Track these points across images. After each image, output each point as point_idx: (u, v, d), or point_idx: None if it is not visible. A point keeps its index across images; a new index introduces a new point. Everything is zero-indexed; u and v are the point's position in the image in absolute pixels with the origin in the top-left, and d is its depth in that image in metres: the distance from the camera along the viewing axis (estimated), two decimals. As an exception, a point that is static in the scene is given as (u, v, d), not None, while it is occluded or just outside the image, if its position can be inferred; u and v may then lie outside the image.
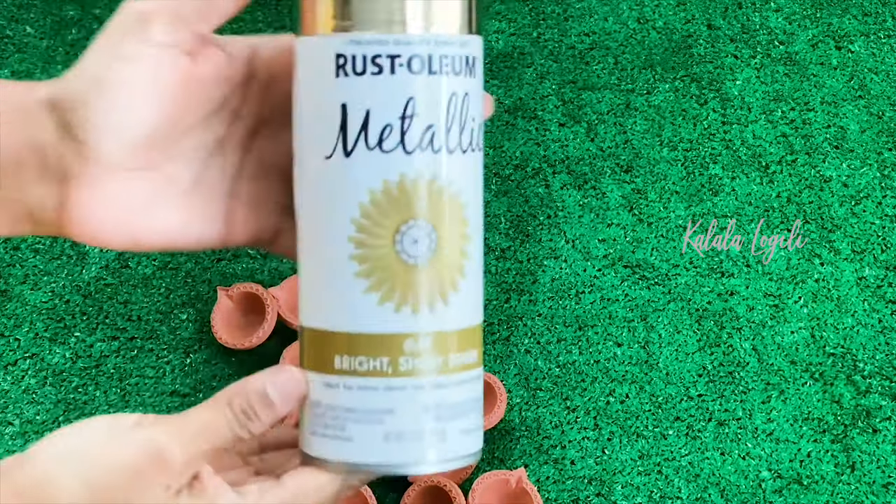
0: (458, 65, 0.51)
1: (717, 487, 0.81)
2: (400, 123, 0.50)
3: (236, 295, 0.85)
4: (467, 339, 0.53)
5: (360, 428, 0.51)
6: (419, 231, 0.51)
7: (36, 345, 0.85)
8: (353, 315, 0.51)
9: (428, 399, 0.51)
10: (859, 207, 0.95)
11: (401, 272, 0.51)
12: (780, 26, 1.06)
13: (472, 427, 0.53)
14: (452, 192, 0.51)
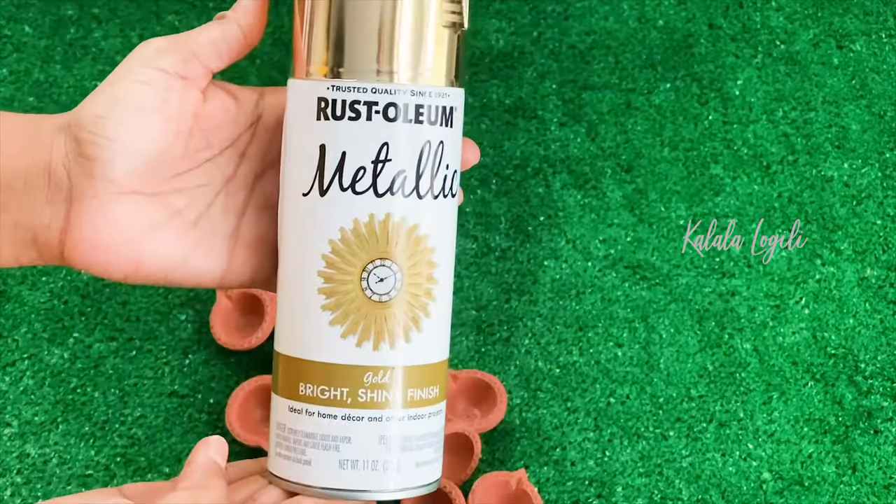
0: (435, 115, 0.54)
1: (718, 489, 0.81)
2: (373, 167, 0.53)
3: (235, 295, 0.84)
4: (428, 376, 0.56)
5: (317, 453, 0.54)
6: (385, 271, 0.53)
7: (34, 345, 0.84)
8: (318, 346, 0.54)
9: (384, 431, 0.54)
10: (861, 208, 0.95)
11: (365, 309, 0.53)
12: (781, 26, 1.05)
13: (428, 460, 0.56)
14: (420, 235, 0.54)
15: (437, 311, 0.56)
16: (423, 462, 0.56)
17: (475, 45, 1.02)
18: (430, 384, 0.56)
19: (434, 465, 0.57)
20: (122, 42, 1.00)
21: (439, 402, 0.57)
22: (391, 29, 0.53)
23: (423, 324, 0.55)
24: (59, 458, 0.80)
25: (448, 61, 0.55)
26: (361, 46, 0.53)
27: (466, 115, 0.98)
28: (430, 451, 0.56)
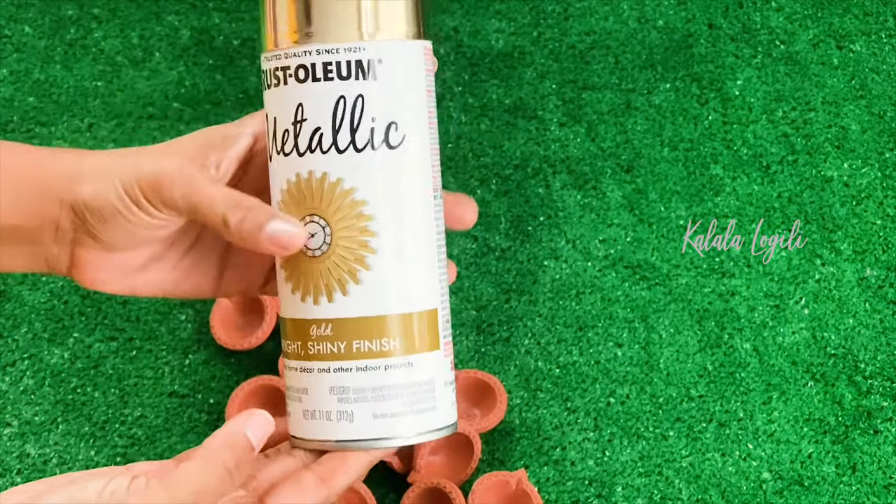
0: (347, 69, 0.55)
1: (717, 489, 0.81)
2: (293, 128, 0.55)
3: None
4: (378, 328, 0.56)
5: (291, 405, 0.57)
6: (314, 227, 0.55)
7: (34, 345, 0.84)
8: (282, 303, 0.57)
9: (332, 381, 0.55)
10: (860, 208, 0.95)
11: (304, 265, 0.56)
12: (780, 26, 1.06)
13: (391, 413, 0.56)
14: (345, 189, 0.55)
15: (382, 263, 0.56)
16: (382, 414, 0.56)
17: (475, 46, 1.03)
18: (384, 336, 0.56)
19: (406, 417, 0.56)
20: (121, 42, 1.00)
21: (405, 355, 0.57)
22: None
23: (361, 276, 0.56)
24: (59, 458, 0.80)
25: (364, 16, 0.55)
26: (280, 16, 0.55)
27: (466, 116, 0.98)
28: (395, 403, 0.56)
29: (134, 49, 1.00)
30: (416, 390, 0.57)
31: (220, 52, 1.00)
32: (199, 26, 1.02)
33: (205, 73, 0.99)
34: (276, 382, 0.81)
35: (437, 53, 1.02)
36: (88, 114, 0.96)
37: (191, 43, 1.01)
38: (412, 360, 0.57)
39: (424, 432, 0.57)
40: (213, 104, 0.97)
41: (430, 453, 0.79)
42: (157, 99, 0.97)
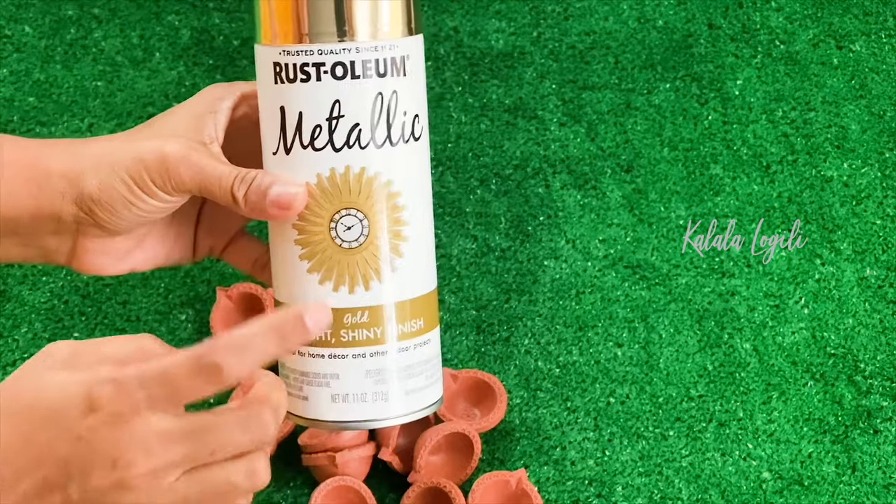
0: (383, 67, 0.56)
1: (717, 488, 0.81)
2: (328, 124, 0.56)
3: (235, 295, 0.84)
4: (409, 311, 0.59)
5: (312, 389, 0.59)
6: (351, 220, 0.57)
7: (34, 345, 0.84)
8: (302, 292, 0.58)
9: (368, 365, 0.58)
10: (860, 207, 0.95)
11: (337, 256, 0.57)
12: (780, 26, 1.06)
13: (420, 387, 0.60)
14: (382, 182, 0.57)
15: (411, 250, 0.59)
16: (413, 389, 0.59)
17: (475, 46, 1.03)
18: (413, 317, 0.59)
19: (427, 390, 0.60)
20: (122, 42, 1.00)
21: (426, 333, 0.60)
22: None
23: (397, 264, 0.58)
24: (60, 457, 0.80)
25: (394, 14, 0.57)
26: (312, 13, 0.56)
27: (466, 116, 0.98)
28: (422, 378, 0.60)
29: (134, 49, 1.00)
30: (433, 363, 0.61)
31: (220, 52, 1.00)
32: (199, 26, 1.02)
33: (205, 73, 0.99)
34: (277, 382, 0.81)
35: (437, 53, 1.02)
36: (89, 114, 0.96)
37: (191, 43, 1.01)
38: (430, 337, 0.61)
39: (438, 400, 0.61)
40: (214, 104, 0.97)
41: (430, 453, 0.79)
42: (158, 99, 0.97)
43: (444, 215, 0.92)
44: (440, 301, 0.88)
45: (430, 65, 1.01)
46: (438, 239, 0.91)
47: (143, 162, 0.57)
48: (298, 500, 0.79)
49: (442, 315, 0.87)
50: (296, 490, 0.79)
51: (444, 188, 0.93)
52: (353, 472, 0.77)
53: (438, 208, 0.92)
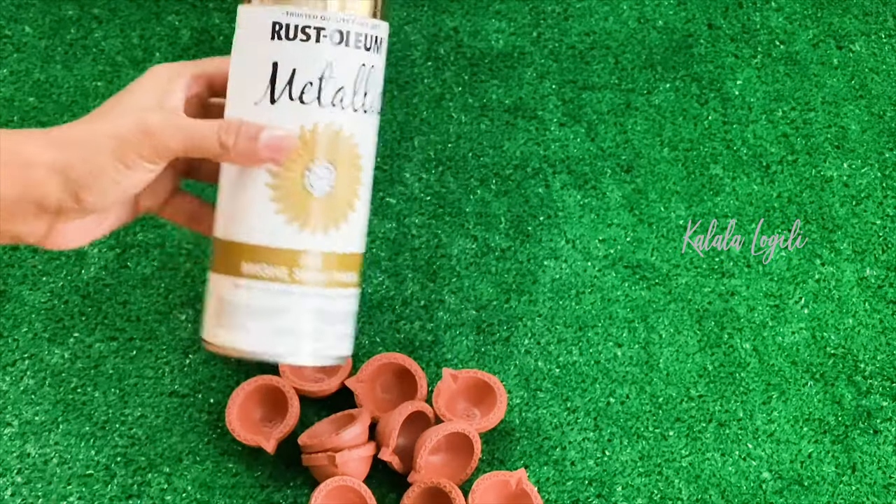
0: (369, 42, 0.64)
1: (717, 488, 0.81)
2: (318, 82, 0.63)
3: None
4: (349, 262, 0.65)
5: (256, 323, 0.63)
6: (323, 170, 0.63)
7: (34, 345, 0.84)
8: (264, 231, 0.63)
9: (312, 304, 0.64)
10: (860, 207, 0.95)
11: (306, 201, 0.63)
12: (780, 26, 1.06)
13: (344, 333, 0.66)
14: (352, 143, 0.64)
15: (360, 207, 0.66)
16: (341, 335, 0.66)
17: (475, 46, 1.03)
18: (350, 269, 0.66)
19: (348, 340, 0.67)
20: (122, 42, 1.00)
21: (356, 287, 0.67)
22: None
23: (350, 216, 0.65)
24: (60, 457, 0.80)
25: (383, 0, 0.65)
26: None
27: (466, 116, 0.98)
28: (347, 326, 0.66)
29: (134, 49, 1.00)
30: (354, 317, 0.67)
31: (221, 52, 1.00)
32: (200, 26, 1.02)
33: (205, 73, 0.99)
34: (277, 382, 0.81)
35: (437, 53, 1.02)
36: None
37: (191, 43, 1.01)
38: (357, 293, 0.67)
39: (349, 356, 0.67)
40: (214, 104, 0.97)
41: (430, 453, 0.79)
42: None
43: (444, 215, 0.92)
44: (440, 301, 0.88)
45: (430, 65, 1.01)
46: (439, 239, 0.91)
47: (127, 139, 0.60)
48: (298, 501, 0.79)
49: (442, 315, 0.87)
50: (296, 490, 0.80)
51: (444, 188, 0.93)
52: (353, 472, 0.77)
53: (438, 208, 0.92)
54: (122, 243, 0.89)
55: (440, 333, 0.87)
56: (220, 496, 0.79)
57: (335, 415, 0.81)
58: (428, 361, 0.85)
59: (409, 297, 0.88)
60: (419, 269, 0.90)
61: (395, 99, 0.99)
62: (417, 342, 0.86)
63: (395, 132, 0.97)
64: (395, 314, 0.87)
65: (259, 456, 0.81)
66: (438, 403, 0.81)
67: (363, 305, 0.87)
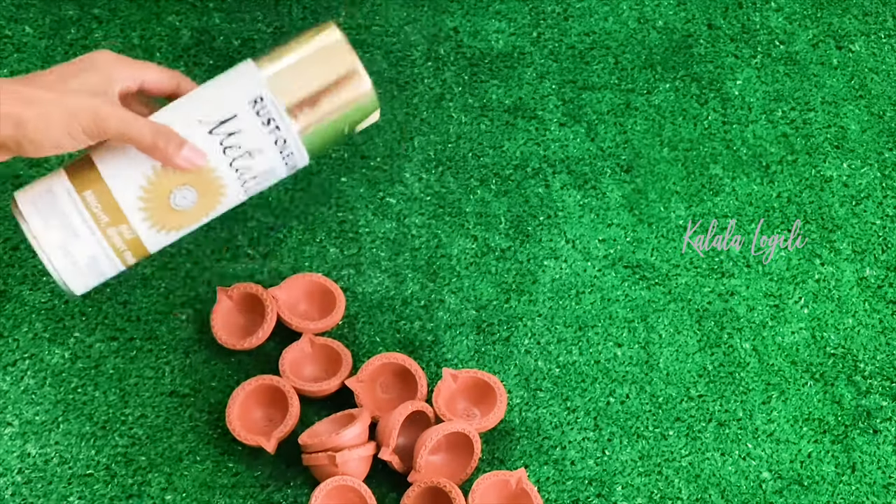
0: (291, 161, 0.77)
1: (717, 488, 0.81)
2: (244, 153, 0.75)
3: (236, 295, 0.85)
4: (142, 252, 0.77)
5: (55, 230, 0.74)
6: (187, 191, 0.75)
7: (35, 345, 0.85)
8: (123, 190, 0.75)
9: (94, 251, 0.75)
10: (860, 207, 0.95)
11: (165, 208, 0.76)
12: (780, 26, 1.06)
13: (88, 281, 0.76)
14: (220, 185, 0.76)
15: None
16: (84, 276, 0.76)
17: (475, 46, 1.03)
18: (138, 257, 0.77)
19: (83, 285, 0.76)
20: (122, 42, 1.00)
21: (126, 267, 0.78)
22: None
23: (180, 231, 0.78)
24: (60, 457, 0.80)
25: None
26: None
27: (466, 116, 0.98)
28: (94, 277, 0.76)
29: (135, 49, 1.00)
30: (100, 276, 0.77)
31: (221, 52, 1.01)
32: (200, 27, 1.02)
33: (205, 73, 0.99)
34: (277, 382, 0.81)
35: (437, 54, 1.02)
36: (89, 114, 0.96)
37: (191, 43, 1.01)
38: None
39: (76, 289, 0.76)
40: (214, 104, 0.97)
41: (431, 453, 0.79)
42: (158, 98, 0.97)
43: (444, 215, 0.92)
44: (440, 301, 0.88)
45: (430, 65, 1.01)
46: (439, 239, 0.91)
47: (78, 118, 0.71)
48: (299, 500, 0.79)
49: (442, 315, 0.87)
50: (296, 489, 0.80)
51: (444, 188, 0.94)
52: (354, 472, 0.77)
53: (438, 208, 0.92)
54: (122, 243, 0.89)
55: (440, 333, 0.87)
56: (221, 496, 0.79)
57: (335, 414, 0.81)
58: (428, 361, 0.85)
59: (409, 297, 0.88)
60: (419, 269, 0.90)
61: (396, 99, 0.99)
62: (417, 342, 0.86)
63: (395, 132, 0.97)
64: (395, 314, 0.87)
65: (259, 455, 0.81)
66: (438, 403, 0.81)
67: (363, 305, 0.88)
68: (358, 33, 1.03)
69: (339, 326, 0.86)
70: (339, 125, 0.77)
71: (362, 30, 1.03)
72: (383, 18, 1.04)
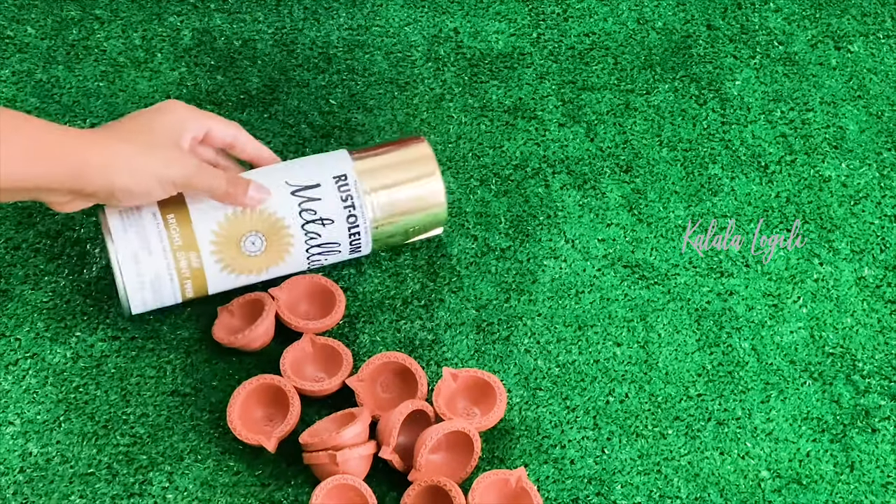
0: (360, 249, 0.86)
1: (716, 487, 0.81)
2: (320, 220, 0.83)
3: (236, 308, 0.85)
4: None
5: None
6: (255, 237, 0.83)
7: (37, 344, 0.85)
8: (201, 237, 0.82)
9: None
10: (858, 207, 0.95)
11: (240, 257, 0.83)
12: (779, 27, 1.06)
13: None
14: (288, 240, 0.84)
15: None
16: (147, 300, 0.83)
17: (475, 46, 1.03)
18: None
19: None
20: (124, 43, 1.00)
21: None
22: None
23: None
24: (62, 456, 0.80)
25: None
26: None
27: (466, 116, 0.98)
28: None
29: (136, 50, 1.00)
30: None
31: (221, 53, 1.01)
32: (201, 27, 1.02)
33: (206, 73, 0.99)
34: (277, 381, 0.81)
35: (437, 54, 1.02)
36: (91, 114, 0.96)
37: (192, 44, 1.01)
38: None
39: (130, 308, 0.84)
40: (215, 104, 0.98)
41: (431, 452, 0.79)
42: (159, 99, 0.97)
43: (445, 215, 0.92)
44: (440, 300, 0.88)
45: (430, 65, 1.01)
46: (439, 238, 0.91)
47: (169, 172, 0.77)
48: (299, 499, 0.79)
49: (442, 314, 0.88)
50: (297, 488, 0.80)
51: (445, 188, 0.94)
52: (354, 471, 0.78)
53: (438, 208, 0.93)
54: (123, 243, 0.90)
55: (440, 333, 0.87)
56: (222, 495, 0.79)
57: (336, 413, 0.81)
58: (428, 360, 0.86)
59: (409, 297, 0.88)
60: (419, 269, 0.90)
61: (396, 99, 0.99)
62: (418, 341, 0.86)
63: (395, 132, 0.97)
64: (396, 314, 0.88)
65: (260, 454, 0.81)
66: (438, 402, 0.81)
67: (364, 305, 0.88)
68: (358, 34, 1.03)
69: (339, 326, 0.87)
70: (407, 227, 0.86)
71: (362, 30, 1.03)
72: (383, 19, 1.04)
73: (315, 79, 1.00)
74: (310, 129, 0.97)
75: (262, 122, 0.97)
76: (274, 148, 0.95)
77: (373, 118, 0.98)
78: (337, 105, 0.98)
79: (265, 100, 0.98)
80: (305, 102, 0.98)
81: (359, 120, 0.97)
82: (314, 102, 0.98)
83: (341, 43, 1.02)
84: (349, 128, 0.97)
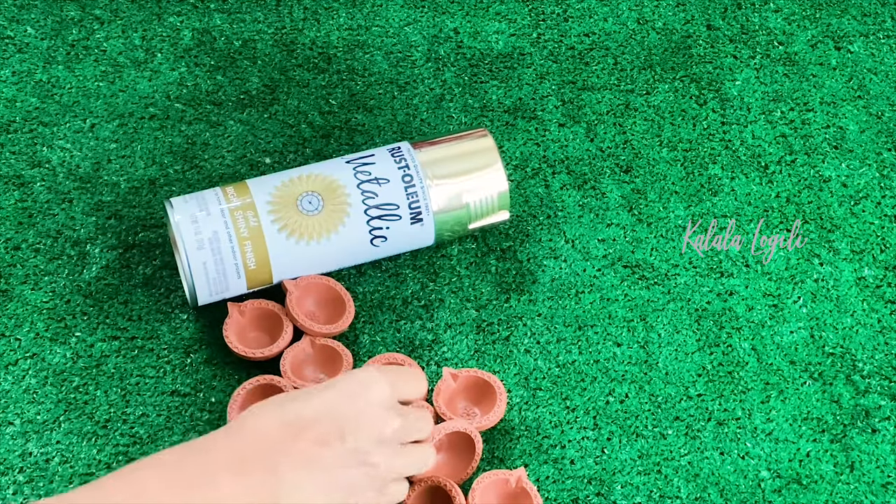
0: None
1: (716, 487, 0.81)
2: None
3: (248, 311, 0.85)
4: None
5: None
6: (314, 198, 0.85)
7: (36, 345, 0.85)
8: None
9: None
10: (858, 207, 0.95)
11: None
12: (779, 27, 1.06)
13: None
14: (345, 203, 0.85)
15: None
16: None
17: (475, 47, 1.03)
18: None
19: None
20: (123, 43, 1.01)
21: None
22: None
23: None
24: (62, 456, 0.80)
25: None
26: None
27: (466, 116, 0.98)
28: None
29: (136, 50, 1.00)
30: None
31: (222, 53, 1.01)
32: (201, 27, 1.02)
33: (206, 73, 0.99)
34: (278, 382, 0.81)
35: (437, 54, 1.02)
36: (91, 114, 0.96)
37: (192, 44, 1.01)
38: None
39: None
40: (215, 104, 0.98)
41: (431, 452, 0.79)
42: (159, 99, 0.98)
43: (445, 215, 0.92)
44: (440, 300, 0.88)
45: (430, 66, 1.01)
46: (438, 239, 0.91)
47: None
48: (299, 499, 0.79)
49: (442, 314, 0.88)
50: (297, 488, 0.80)
51: (444, 188, 0.94)
52: (354, 471, 0.78)
53: (438, 208, 0.93)
54: (123, 243, 0.90)
55: (440, 333, 0.87)
56: (222, 495, 0.79)
57: (336, 414, 0.81)
58: (428, 361, 0.86)
59: (409, 297, 0.89)
60: (419, 269, 0.90)
61: (396, 99, 0.99)
62: (417, 341, 0.86)
63: (395, 132, 0.97)
64: (396, 314, 0.88)
65: (260, 455, 0.81)
66: (438, 402, 0.81)
67: (364, 305, 0.88)
68: (358, 34, 1.03)
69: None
70: (469, 214, 0.86)
71: (362, 30, 1.03)
72: (383, 19, 1.04)
73: (315, 79, 1.00)
74: (310, 129, 0.97)
75: (262, 122, 0.97)
76: (274, 148, 0.95)
77: (373, 118, 0.98)
78: (337, 105, 0.98)
79: (265, 100, 0.98)
80: (305, 102, 0.98)
81: (359, 120, 0.98)
82: (314, 102, 0.98)
83: (341, 43, 1.02)
84: (349, 128, 0.97)
